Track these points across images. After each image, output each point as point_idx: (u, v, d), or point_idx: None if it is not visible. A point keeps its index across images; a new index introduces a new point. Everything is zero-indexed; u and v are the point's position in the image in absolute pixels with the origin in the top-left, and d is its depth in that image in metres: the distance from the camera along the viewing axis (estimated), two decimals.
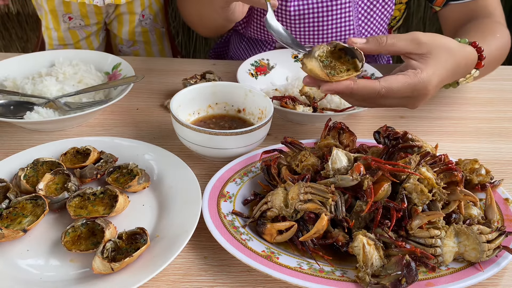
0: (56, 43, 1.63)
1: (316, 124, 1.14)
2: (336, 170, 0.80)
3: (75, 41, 1.64)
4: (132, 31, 1.65)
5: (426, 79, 0.86)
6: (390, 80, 0.85)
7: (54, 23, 1.58)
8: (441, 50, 0.89)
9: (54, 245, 0.79)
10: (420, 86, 0.86)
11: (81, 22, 1.60)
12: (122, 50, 1.73)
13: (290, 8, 1.29)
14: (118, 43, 1.71)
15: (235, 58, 1.59)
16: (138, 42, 1.68)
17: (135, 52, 1.72)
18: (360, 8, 1.31)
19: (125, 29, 1.64)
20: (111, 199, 0.84)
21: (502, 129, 1.16)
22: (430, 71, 0.87)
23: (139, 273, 0.71)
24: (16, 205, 0.82)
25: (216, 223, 0.79)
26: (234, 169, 0.92)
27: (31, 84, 1.13)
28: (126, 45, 1.69)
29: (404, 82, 0.85)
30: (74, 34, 1.63)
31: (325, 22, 1.31)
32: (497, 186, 0.89)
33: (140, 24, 1.64)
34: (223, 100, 1.08)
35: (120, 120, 1.13)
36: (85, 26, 1.61)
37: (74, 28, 1.61)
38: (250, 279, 0.76)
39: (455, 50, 0.92)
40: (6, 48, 3.28)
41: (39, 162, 0.92)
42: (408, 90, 0.86)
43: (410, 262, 0.69)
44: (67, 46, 1.64)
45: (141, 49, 1.72)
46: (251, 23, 1.39)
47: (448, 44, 0.91)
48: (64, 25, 1.59)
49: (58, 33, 1.60)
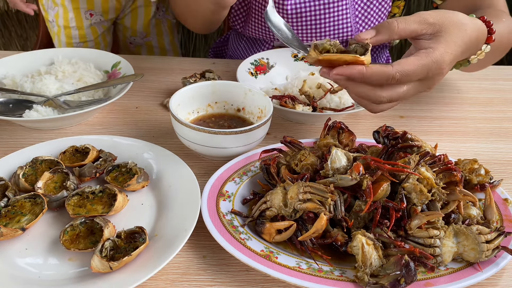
0: (77, 41, 1.65)
1: (316, 124, 1.14)
2: (335, 169, 0.79)
3: (95, 37, 1.67)
4: (147, 24, 1.70)
5: (440, 58, 0.83)
6: (403, 63, 0.81)
7: (78, 21, 1.60)
8: (450, 26, 0.86)
9: (53, 244, 0.79)
10: (434, 66, 0.82)
11: (101, 18, 1.63)
12: (133, 42, 1.75)
13: (287, 6, 1.28)
14: (131, 36, 1.74)
15: (234, 57, 1.59)
16: (151, 33, 1.72)
17: (148, 43, 1.76)
18: (357, 5, 1.31)
19: (140, 21, 1.68)
20: (110, 198, 0.84)
21: (502, 129, 1.16)
22: (442, 49, 0.83)
23: (138, 272, 0.71)
24: (15, 203, 0.82)
25: (215, 222, 0.79)
26: (233, 168, 0.92)
27: (30, 82, 1.12)
28: (140, 36, 1.72)
29: (417, 63, 0.81)
30: (94, 30, 1.65)
31: (322, 20, 1.31)
32: (497, 186, 0.89)
33: (155, 16, 1.69)
34: (222, 99, 1.08)
35: (119, 118, 1.13)
36: (103, 21, 1.64)
37: (94, 24, 1.63)
38: (249, 278, 0.76)
39: (465, 24, 0.88)
40: (6, 46, 3.28)
41: (38, 161, 0.92)
42: (423, 71, 0.82)
43: (409, 262, 0.69)
44: (87, 43, 1.66)
45: (154, 40, 1.75)
46: (250, 22, 1.39)
47: (458, 18, 0.88)
48: (86, 22, 1.61)
49: (79, 31, 1.62)
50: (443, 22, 0.85)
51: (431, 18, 0.84)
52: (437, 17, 0.85)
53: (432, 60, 0.82)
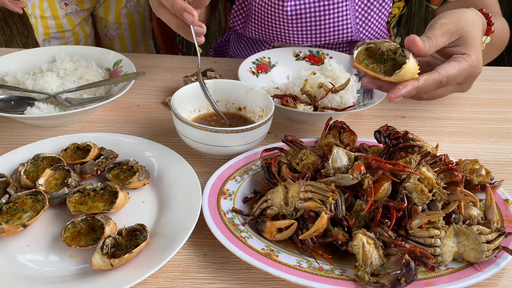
0: (54, 31, 1.64)
1: (317, 123, 1.14)
2: (336, 169, 0.80)
3: (72, 27, 1.66)
4: (118, 14, 1.70)
5: (476, 61, 0.90)
6: (448, 69, 0.87)
7: (52, 10, 1.60)
8: (469, 27, 0.91)
9: (54, 241, 0.79)
10: (473, 70, 0.90)
11: (76, 8, 1.63)
12: (108, 34, 1.77)
13: (287, 8, 1.28)
14: (105, 26, 1.74)
15: (234, 57, 1.59)
16: (123, 24, 1.72)
17: (120, 36, 1.77)
18: (357, 6, 1.31)
19: (112, 10, 1.69)
20: (111, 196, 0.84)
21: (503, 130, 1.16)
22: (476, 52, 0.90)
23: (139, 269, 0.71)
24: (16, 200, 0.82)
25: (216, 221, 0.79)
26: (235, 167, 0.92)
27: (32, 79, 1.13)
28: (112, 27, 1.74)
29: (459, 67, 0.88)
30: (70, 20, 1.65)
31: (322, 21, 1.31)
32: (497, 187, 0.89)
33: (126, 6, 1.70)
34: (224, 97, 1.08)
35: (121, 116, 1.13)
36: (79, 11, 1.64)
37: (70, 14, 1.63)
38: (249, 276, 0.76)
39: (477, 21, 0.94)
40: (7, 44, 3.28)
41: (39, 158, 0.92)
42: (464, 74, 0.89)
43: (410, 261, 0.69)
44: (64, 33, 1.66)
45: (126, 32, 1.77)
46: (249, 23, 1.39)
47: (470, 18, 0.92)
48: (62, 11, 1.60)
49: (56, 21, 1.62)
50: (462, 26, 0.90)
51: (452, 27, 0.89)
52: (455, 24, 0.90)
53: (471, 64, 0.89)
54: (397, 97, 0.83)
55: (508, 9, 2.90)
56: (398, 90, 0.83)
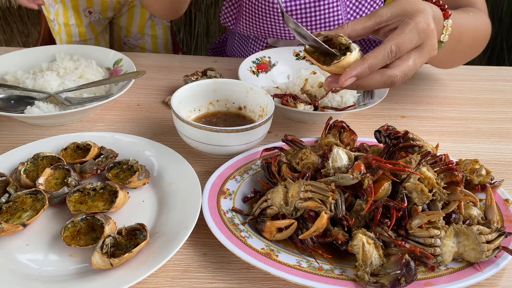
0: (77, 40, 1.64)
1: (317, 123, 1.14)
2: (336, 168, 0.79)
3: (95, 35, 1.66)
4: (142, 25, 1.69)
5: (422, 19, 0.84)
6: (393, 36, 0.82)
7: (77, 18, 1.60)
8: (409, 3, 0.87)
9: (54, 240, 0.79)
10: (421, 25, 0.83)
11: (100, 16, 1.62)
12: (127, 43, 1.75)
13: (277, 5, 1.28)
14: (125, 36, 1.73)
15: (231, 56, 1.59)
16: (146, 35, 1.71)
17: (141, 46, 1.75)
18: (348, 1, 1.31)
19: (136, 22, 1.68)
20: (111, 195, 0.84)
21: (503, 130, 1.16)
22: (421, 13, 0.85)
23: (138, 269, 0.71)
24: (16, 199, 0.82)
25: (215, 220, 0.79)
26: (235, 166, 0.92)
27: (32, 78, 1.12)
28: (134, 38, 1.72)
29: (404, 29, 0.83)
30: (94, 28, 1.65)
31: (313, 18, 1.30)
32: (497, 187, 0.89)
33: (151, 18, 1.68)
34: (224, 97, 1.08)
35: (121, 116, 1.13)
36: (101, 19, 1.64)
37: (93, 22, 1.63)
38: (249, 276, 0.76)
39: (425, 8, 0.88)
40: (7, 43, 3.28)
41: (39, 157, 0.92)
42: (414, 35, 0.83)
43: (410, 261, 0.69)
44: (87, 41, 1.65)
45: (148, 43, 1.75)
46: (241, 19, 1.38)
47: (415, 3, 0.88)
48: (86, 19, 1.60)
49: (79, 29, 1.62)
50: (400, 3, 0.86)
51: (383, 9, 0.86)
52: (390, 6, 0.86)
53: (417, 22, 0.83)
54: (346, 79, 0.79)
55: (508, 10, 2.90)
56: (347, 72, 0.80)
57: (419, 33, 0.83)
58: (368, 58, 0.80)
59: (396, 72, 0.83)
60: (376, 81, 0.83)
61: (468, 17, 1.11)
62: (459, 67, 1.34)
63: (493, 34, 2.78)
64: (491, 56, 2.98)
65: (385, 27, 0.88)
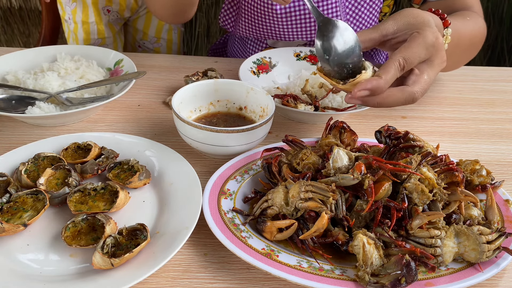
0: (95, 37, 1.63)
1: (318, 123, 1.14)
2: (337, 169, 0.80)
3: (113, 34, 1.66)
4: (160, 28, 1.69)
5: (429, 32, 0.84)
6: (400, 49, 0.83)
7: (97, 16, 1.59)
8: (412, 16, 0.87)
9: (54, 240, 0.79)
10: (429, 39, 0.84)
11: (117, 15, 1.62)
12: (142, 46, 1.75)
13: (276, 7, 1.28)
14: (141, 39, 1.73)
15: (232, 56, 1.59)
16: (162, 39, 1.71)
17: (156, 49, 1.76)
18: (347, 3, 1.31)
19: (154, 25, 1.67)
20: (111, 195, 0.84)
21: (504, 130, 1.16)
22: (426, 26, 0.85)
23: (139, 269, 0.71)
24: (17, 199, 0.82)
25: (216, 220, 0.79)
26: (235, 167, 0.92)
27: (33, 79, 1.13)
28: (151, 41, 1.72)
29: (411, 43, 0.83)
30: (112, 27, 1.65)
31: (312, 20, 1.30)
32: (498, 187, 0.89)
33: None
34: (224, 97, 1.08)
35: (122, 116, 1.13)
36: (119, 19, 1.63)
37: (112, 21, 1.62)
38: (249, 276, 0.76)
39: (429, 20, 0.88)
40: (8, 43, 3.28)
41: (40, 157, 0.92)
42: (422, 48, 0.84)
43: (410, 261, 0.69)
44: (105, 39, 1.65)
45: (163, 47, 1.75)
46: (240, 21, 1.39)
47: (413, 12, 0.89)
48: (105, 18, 1.60)
49: (98, 26, 1.61)
50: (404, 16, 0.87)
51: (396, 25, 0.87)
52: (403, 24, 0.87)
53: (424, 36, 0.84)
54: (360, 90, 0.79)
55: (508, 10, 2.90)
56: (361, 85, 0.80)
57: (427, 47, 0.84)
58: (380, 73, 0.81)
59: (416, 89, 0.84)
60: (397, 99, 0.84)
61: (466, 23, 1.12)
62: (460, 67, 1.34)
63: (493, 35, 2.78)
64: (492, 56, 2.98)
65: (392, 40, 0.89)
